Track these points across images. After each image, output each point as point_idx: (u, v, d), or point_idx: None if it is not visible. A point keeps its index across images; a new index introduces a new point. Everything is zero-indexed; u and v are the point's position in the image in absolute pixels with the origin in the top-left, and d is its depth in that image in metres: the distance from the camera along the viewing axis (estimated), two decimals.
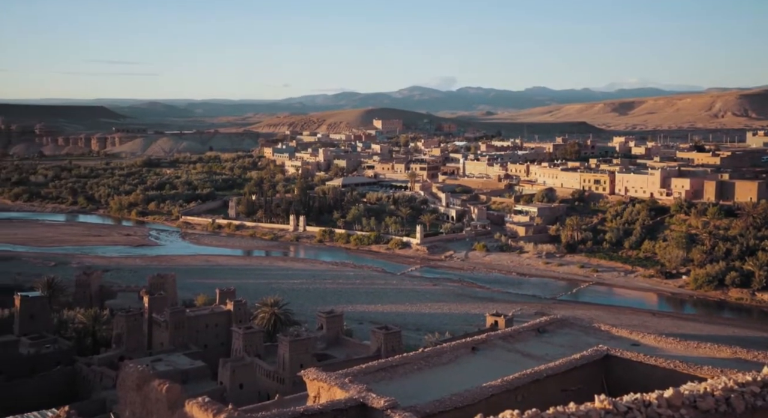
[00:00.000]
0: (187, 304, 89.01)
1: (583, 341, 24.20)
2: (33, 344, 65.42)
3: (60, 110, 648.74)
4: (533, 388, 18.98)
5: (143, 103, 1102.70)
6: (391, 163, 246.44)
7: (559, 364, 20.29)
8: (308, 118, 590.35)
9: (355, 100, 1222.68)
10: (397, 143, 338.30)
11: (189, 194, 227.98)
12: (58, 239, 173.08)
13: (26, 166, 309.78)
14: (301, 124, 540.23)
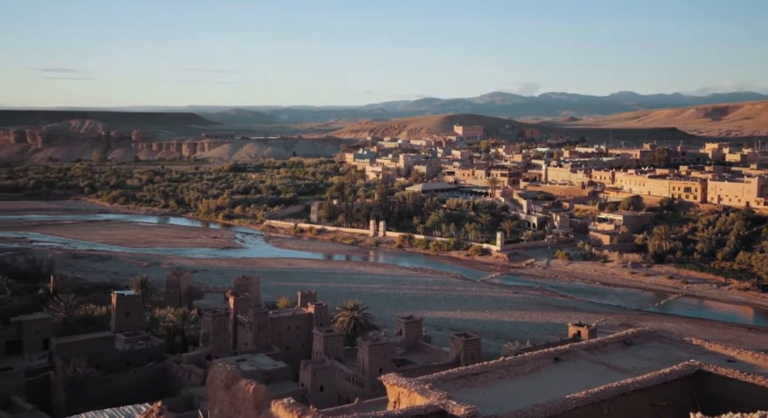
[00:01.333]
0: (270, 306, 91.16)
1: (672, 355, 23.37)
2: (127, 340, 68.59)
3: (154, 117, 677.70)
4: (619, 402, 18.49)
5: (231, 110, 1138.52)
6: (471, 169, 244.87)
7: (648, 378, 19.67)
8: (389, 124, 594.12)
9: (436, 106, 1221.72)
10: (478, 149, 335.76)
11: (273, 199, 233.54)
12: (151, 241, 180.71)
13: (123, 171, 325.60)
14: (382, 130, 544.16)
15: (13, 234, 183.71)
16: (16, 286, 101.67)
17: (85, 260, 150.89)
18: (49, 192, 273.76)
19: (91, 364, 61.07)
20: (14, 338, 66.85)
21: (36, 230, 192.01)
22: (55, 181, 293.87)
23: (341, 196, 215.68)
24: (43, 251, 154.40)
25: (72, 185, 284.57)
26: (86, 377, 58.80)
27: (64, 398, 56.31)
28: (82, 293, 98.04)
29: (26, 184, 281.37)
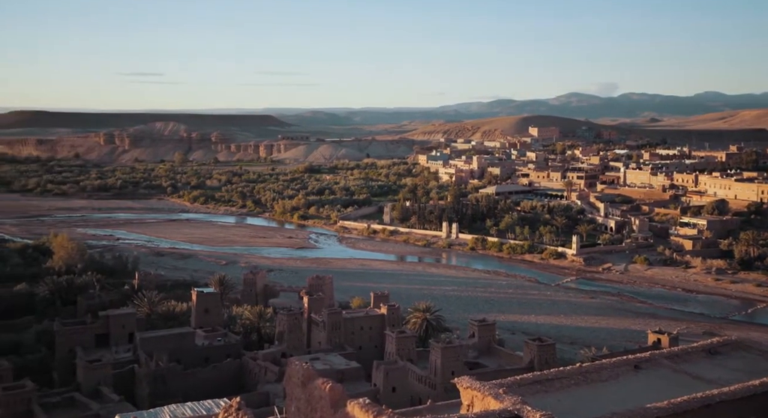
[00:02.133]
0: (343, 306, 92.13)
1: (762, 367, 22.35)
2: (207, 336, 70.77)
3: (233, 119, 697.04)
4: (704, 414, 17.82)
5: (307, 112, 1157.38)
6: (546, 171, 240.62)
7: (734, 389, 18.88)
8: (462, 125, 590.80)
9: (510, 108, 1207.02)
10: (553, 151, 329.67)
11: (346, 199, 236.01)
12: (229, 240, 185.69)
13: (203, 171, 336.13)
14: (456, 132, 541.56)
15: (102, 232, 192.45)
16: (104, 281, 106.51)
17: (168, 258, 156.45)
18: (134, 192, 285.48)
19: (172, 358, 63.29)
20: (102, 331, 70.01)
21: (122, 228, 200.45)
22: (141, 181, 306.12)
23: (414, 197, 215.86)
24: (129, 248, 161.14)
25: (156, 185, 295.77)
26: (168, 371, 60.98)
27: (148, 391, 58.60)
28: (164, 290, 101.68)
29: (114, 184, 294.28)
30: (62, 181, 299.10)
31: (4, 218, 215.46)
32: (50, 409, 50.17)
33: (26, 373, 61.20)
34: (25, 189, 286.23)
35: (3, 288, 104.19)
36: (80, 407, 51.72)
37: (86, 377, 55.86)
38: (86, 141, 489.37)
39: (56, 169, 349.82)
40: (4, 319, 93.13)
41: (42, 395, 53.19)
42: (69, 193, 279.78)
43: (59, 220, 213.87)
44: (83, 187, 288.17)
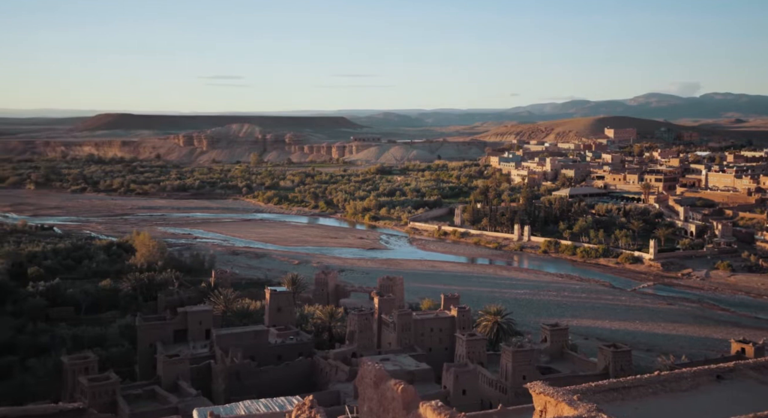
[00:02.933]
0: (413, 307, 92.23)
1: None
2: (279, 334, 72.19)
3: (307, 121, 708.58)
4: None
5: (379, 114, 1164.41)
6: (622, 173, 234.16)
7: None
8: (536, 127, 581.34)
9: (586, 109, 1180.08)
10: (630, 153, 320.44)
11: (417, 201, 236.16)
12: (301, 240, 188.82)
13: (277, 172, 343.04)
14: (528, 133, 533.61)
15: (181, 230, 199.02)
16: (182, 279, 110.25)
17: (242, 257, 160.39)
18: (211, 192, 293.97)
19: (246, 355, 64.87)
20: (181, 327, 72.44)
21: (200, 227, 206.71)
22: (217, 181, 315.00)
23: (485, 199, 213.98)
24: (206, 247, 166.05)
25: (232, 186, 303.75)
26: (242, 367, 62.56)
27: (223, 386, 60.29)
28: (239, 288, 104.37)
29: (192, 185, 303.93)
30: (144, 182, 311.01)
31: (92, 216, 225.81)
32: (132, 401, 52.29)
33: (110, 365, 64.04)
34: (110, 189, 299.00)
35: (90, 284, 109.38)
36: (160, 400, 53.69)
37: (166, 371, 57.92)
38: (167, 143, 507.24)
39: (139, 169, 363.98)
40: (91, 313, 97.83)
41: (125, 387, 55.51)
42: (150, 192, 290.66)
43: (141, 218, 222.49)
44: (163, 187, 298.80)
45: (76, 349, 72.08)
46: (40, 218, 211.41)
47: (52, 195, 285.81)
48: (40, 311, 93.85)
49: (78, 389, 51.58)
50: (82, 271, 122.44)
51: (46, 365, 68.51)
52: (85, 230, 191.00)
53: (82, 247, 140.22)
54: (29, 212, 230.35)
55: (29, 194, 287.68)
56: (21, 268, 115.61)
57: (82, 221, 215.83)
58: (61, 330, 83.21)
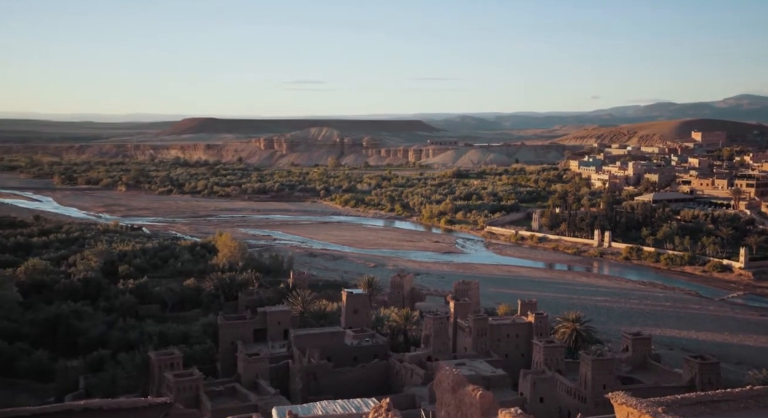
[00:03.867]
0: (489, 312, 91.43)
1: None
2: (355, 336, 72.93)
3: (384, 124, 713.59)
4: None
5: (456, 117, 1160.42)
6: (710, 178, 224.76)
7: None
8: (618, 130, 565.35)
9: (671, 111, 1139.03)
10: (719, 157, 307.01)
11: (494, 205, 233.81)
12: (378, 243, 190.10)
13: (354, 175, 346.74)
14: (610, 137, 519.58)
15: (261, 232, 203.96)
16: (262, 279, 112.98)
17: (320, 259, 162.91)
18: (290, 194, 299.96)
19: (323, 356, 65.85)
20: (260, 326, 74.23)
21: (279, 229, 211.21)
22: (296, 184, 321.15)
23: (564, 204, 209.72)
24: (285, 248, 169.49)
25: (310, 188, 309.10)
26: (319, 367, 63.56)
27: (301, 386, 61.42)
28: (316, 289, 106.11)
29: (272, 187, 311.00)
30: (226, 184, 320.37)
31: (177, 217, 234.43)
32: (214, 397, 53.96)
33: (193, 362, 66.30)
34: (195, 191, 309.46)
35: (175, 283, 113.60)
36: (240, 397, 55.20)
37: (246, 369, 59.50)
38: (248, 146, 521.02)
39: (221, 172, 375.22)
40: (176, 311, 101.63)
41: (207, 383, 57.34)
42: (232, 194, 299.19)
43: (223, 220, 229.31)
44: (244, 189, 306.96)
45: (162, 345, 75.05)
46: (130, 219, 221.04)
47: (141, 196, 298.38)
48: (130, 307, 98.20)
49: (164, 384, 53.71)
50: (168, 270, 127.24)
51: (134, 359, 71.59)
52: (171, 231, 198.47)
53: (168, 247, 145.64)
54: (120, 213, 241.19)
55: (120, 196, 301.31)
56: (112, 266, 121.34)
57: (168, 221, 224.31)
58: (149, 327, 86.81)
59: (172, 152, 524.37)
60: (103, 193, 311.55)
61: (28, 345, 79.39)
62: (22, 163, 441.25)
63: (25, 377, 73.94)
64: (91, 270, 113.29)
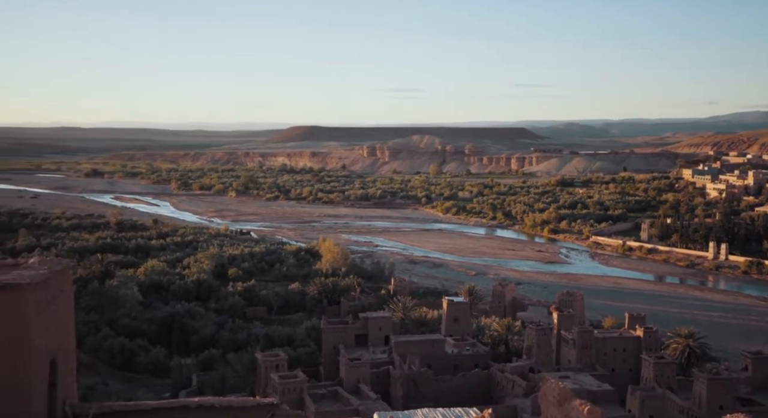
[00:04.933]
0: (595, 324, 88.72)
1: None
2: (456, 344, 72.66)
3: (486, 132, 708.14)
4: None
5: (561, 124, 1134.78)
6: None
7: None
8: (736, 137, 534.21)
9: None
10: None
11: (600, 214, 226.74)
12: (479, 251, 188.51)
13: (456, 183, 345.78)
14: (728, 144, 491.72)
15: (363, 238, 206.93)
16: (363, 285, 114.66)
17: (420, 266, 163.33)
18: (392, 201, 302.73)
19: (424, 363, 66.00)
20: (362, 332, 75.27)
21: (381, 235, 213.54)
22: (398, 191, 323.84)
23: (676, 214, 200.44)
24: (386, 255, 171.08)
25: (411, 196, 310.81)
26: (420, 374, 63.74)
27: (401, 392, 61.82)
28: (416, 296, 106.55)
29: (374, 194, 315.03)
30: (330, 191, 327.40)
31: (283, 222, 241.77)
32: (317, 400, 55.26)
33: (298, 364, 68.11)
34: (300, 197, 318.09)
35: (280, 286, 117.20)
36: (342, 401, 56.22)
37: (348, 373, 60.54)
38: (352, 153, 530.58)
39: (326, 179, 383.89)
40: (281, 314, 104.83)
41: (311, 386, 58.78)
42: (335, 201, 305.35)
43: (327, 226, 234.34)
44: (348, 196, 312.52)
45: (268, 347, 77.57)
46: (240, 223, 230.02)
47: (250, 202, 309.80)
48: (238, 309, 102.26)
49: (270, 384, 55.52)
50: (274, 274, 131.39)
51: (242, 359, 74.41)
52: (277, 236, 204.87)
53: (275, 251, 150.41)
54: (230, 218, 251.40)
55: (231, 201, 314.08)
56: (223, 269, 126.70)
57: (275, 226, 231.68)
58: (256, 328, 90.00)
59: (279, 160, 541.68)
60: (215, 198, 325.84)
61: (146, 342, 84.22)
62: (143, 169, 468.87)
63: (143, 373, 78.51)
64: (204, 272, 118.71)
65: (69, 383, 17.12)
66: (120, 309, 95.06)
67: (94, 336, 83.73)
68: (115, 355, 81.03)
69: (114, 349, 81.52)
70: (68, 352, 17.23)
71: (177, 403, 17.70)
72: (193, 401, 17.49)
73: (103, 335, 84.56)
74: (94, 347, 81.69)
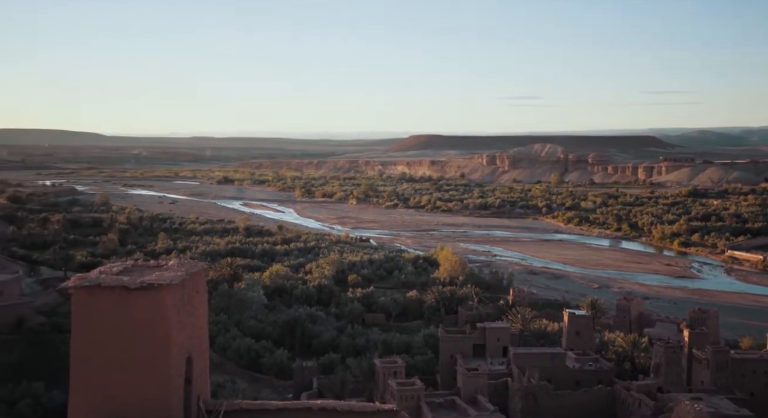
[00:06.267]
0: (731, 344, 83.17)
1: None
2: (577, 359, 70.36)
3: (611, 140, 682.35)
4: None
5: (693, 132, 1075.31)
6: None
7: None
8: None
9: None
10: None
11: (737, 228, 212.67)
12: (602, 263, 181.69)
13: (578, 193, 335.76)
14: None
15: (481, 247, 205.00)
16: (481, 295, 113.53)
17: (540, 277, 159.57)
18: (511, 211, 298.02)
19: (543, 377, 64.34)
20: (479, 342, 74.52)
21: (499, 245, 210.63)
22: (517, 201, 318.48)
23: None
24: (505, 265, 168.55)
25: (531, 205, 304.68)
26: (539, 388, 62.17)
27: (520, 405, 60.58)
28: (536, 308, 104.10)
29: (493, 203, 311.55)
30: (449, 199, 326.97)
31: (402, 230, 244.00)
32: (434, 408, 55.16)
33: (415, 371, 68.45)
34: (419, 205, 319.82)
35: (398, 293, 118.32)
36: (460, 411, 55.80)
37: (465, 383, 60.06)
38: (471, 162, 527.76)
39: (444, 188, 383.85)
40: (399, 321, 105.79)
41: (428, 394, 58.81)
42: (454, 210, 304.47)
43: (445, 234, 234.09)
44: (466, 205, 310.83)
45: (386, 353, 78.45)
46: (359, 231, 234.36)
47: (370, 210, 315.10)
48: (358, 315, 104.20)
49: (387, 390, 56.07)
50: (392, 281, 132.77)
51: (361, 365, 75.64)
52: (395, 243, 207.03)
53: (393, 259, 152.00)
54: (350, 225, 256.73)
55: (351, 208, 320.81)
56: (343, 275, 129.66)
57: (393, 234, 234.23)
58: (374, 334, 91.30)
59: (398, 168, 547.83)
60: (336, 205, 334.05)
61: (270, 344, 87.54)
62: (269, 177, 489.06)
63: (268, 373, 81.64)
64: (325, 278, 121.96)
65: (203, 380, 18.11)
66: (247, 311, 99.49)
67: (223, 336, 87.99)
68: (242, 354, 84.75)
69: (241, 349, 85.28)
70: (202, 350, 18.24)
71: (301, 405, 18.28)
72: (316, 404, 18.00)
73: (232, 336, 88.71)
74: (223, 346, 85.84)
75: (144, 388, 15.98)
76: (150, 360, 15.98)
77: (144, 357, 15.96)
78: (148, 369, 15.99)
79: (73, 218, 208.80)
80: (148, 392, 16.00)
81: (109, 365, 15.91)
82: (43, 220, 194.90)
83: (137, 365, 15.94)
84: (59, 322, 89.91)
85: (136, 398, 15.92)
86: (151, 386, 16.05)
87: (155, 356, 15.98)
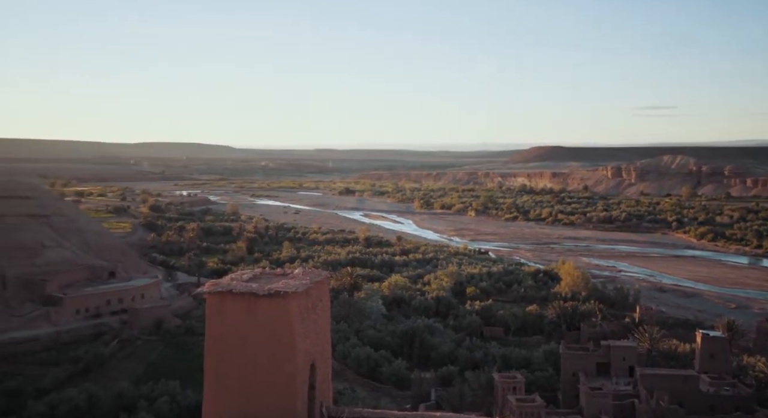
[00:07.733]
0: None
1: None
2: (712, 383, 66.10)
3: (751, 151, 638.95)
4: None
5: None
6: None
7: None
8: None
9: None
10: None
11: None
12: (740, 282, 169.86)
13: (713, 207, 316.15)
14: None
15: (605, 262, 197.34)
16: (605, 311, 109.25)
17: (669, 294, 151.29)
18: (638, 225, 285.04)
19: (674, 400, 60.92)
20: (603, 360, 71.70)
21: (624, 261, 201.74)
22: (645, 214, 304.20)
23: None
24: (630, 281, 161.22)
25: (660, 219, 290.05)
26: (670, 412, 58.91)
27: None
28: (665, 327, 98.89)
29: (618, 217, 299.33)
30: (571, 212, 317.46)
31: (522, 243, 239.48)
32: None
33: (534, 388, 66.80)
34: (539, 218, 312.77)
35: (518, 307, 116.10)
36: None
37: (589, 403, 57.97)
38: (595, 174, 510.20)
39: (566, 200, 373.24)
40: (518, 336, 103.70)
41: (549, 411, 57.26)
42: (576, 223, 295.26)
43: (566, 248, 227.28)
44: (589, 218, 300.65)
45: (505, 368, 77.14)
46: (478, 243, 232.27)
47: (489, 222, 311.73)
48: (476, 328, 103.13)
49: (506, 406, 55.06)
50: (512, 295, 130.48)
51: (479, 378, 74.73)
52: (515, 256, 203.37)
53: (512, 272, 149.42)
54: (469, 237, 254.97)
55: (470, 220, 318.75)
56: (461, 287, 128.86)
57: (512, 247, 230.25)
58: (493, 348, 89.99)
59: (518, 180, 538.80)
60: (454, 217, 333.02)
61: (389, 354, 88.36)
62: (389, 188, 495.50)
63: (386, 383, 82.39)
64: (443, 290, 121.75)
65: (325, 386, 18.54)
66: (366, 320, 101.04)
67: (343, 344, 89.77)
68: (361, 363, 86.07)
69: (360, 357, 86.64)
70: (325, 357, 18.69)
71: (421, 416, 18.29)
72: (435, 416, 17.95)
73: (351, 344, 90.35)
74: (344, 354, 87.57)
75: (271, 392, 16.54)
76: (276, 365, 16.53)
77: (270, 362, 16.53)
78: (275, 374, 16.54)
79: (206, 226, 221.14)
80: (274, 395, 16.54)
81: (239, 369, 16.61)
82: (180, 228, 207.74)
83: (264, 369, 16.54)
84: (193, 325, 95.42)
85: (264, 401, 16.52)
86: (277, 390, 16.59)
87: (281, 361, 16.52)
